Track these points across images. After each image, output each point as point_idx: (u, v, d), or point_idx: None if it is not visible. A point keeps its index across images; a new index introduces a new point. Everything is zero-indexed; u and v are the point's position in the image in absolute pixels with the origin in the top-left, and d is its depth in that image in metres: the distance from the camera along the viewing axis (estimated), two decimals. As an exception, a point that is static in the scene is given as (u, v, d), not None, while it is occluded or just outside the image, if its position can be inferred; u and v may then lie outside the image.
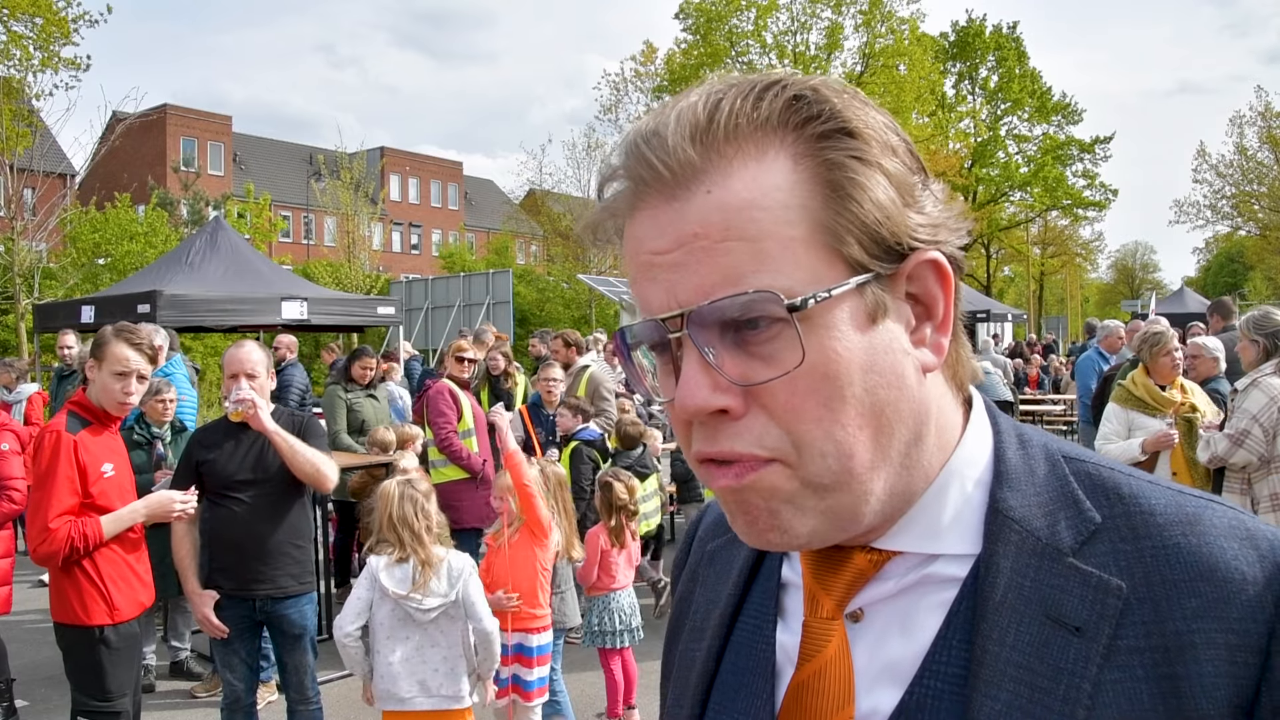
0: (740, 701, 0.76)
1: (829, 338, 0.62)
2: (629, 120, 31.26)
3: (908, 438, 0.66)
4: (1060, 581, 0.64)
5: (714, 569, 0.86)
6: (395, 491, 3.66)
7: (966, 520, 0.69)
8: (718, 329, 0.63)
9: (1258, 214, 36.39)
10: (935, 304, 0.67)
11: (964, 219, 0.68)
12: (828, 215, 0.62)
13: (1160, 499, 0.66)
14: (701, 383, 0.63)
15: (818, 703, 0.70)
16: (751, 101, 0.63)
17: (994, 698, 0.63)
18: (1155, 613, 0.62)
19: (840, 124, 0.63)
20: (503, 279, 18.89)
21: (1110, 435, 5.16)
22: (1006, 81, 39.84)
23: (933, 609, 0.68)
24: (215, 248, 10.46)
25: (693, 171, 0.63)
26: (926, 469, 0.68)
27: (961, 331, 0.71)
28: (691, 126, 0.63)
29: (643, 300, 0.67)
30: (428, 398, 6.27)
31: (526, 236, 45.91)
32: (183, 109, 44.20)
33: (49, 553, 3.35)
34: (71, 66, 17.20)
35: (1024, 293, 48.57)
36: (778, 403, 0.62)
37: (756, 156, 0.63)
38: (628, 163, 0.66)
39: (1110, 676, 0.61)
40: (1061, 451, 0.71)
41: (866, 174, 0.63)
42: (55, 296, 17.24)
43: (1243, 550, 0.63)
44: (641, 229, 0.65)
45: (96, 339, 3.60)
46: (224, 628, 3.79)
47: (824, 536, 0.67)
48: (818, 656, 0.71)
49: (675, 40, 33.93)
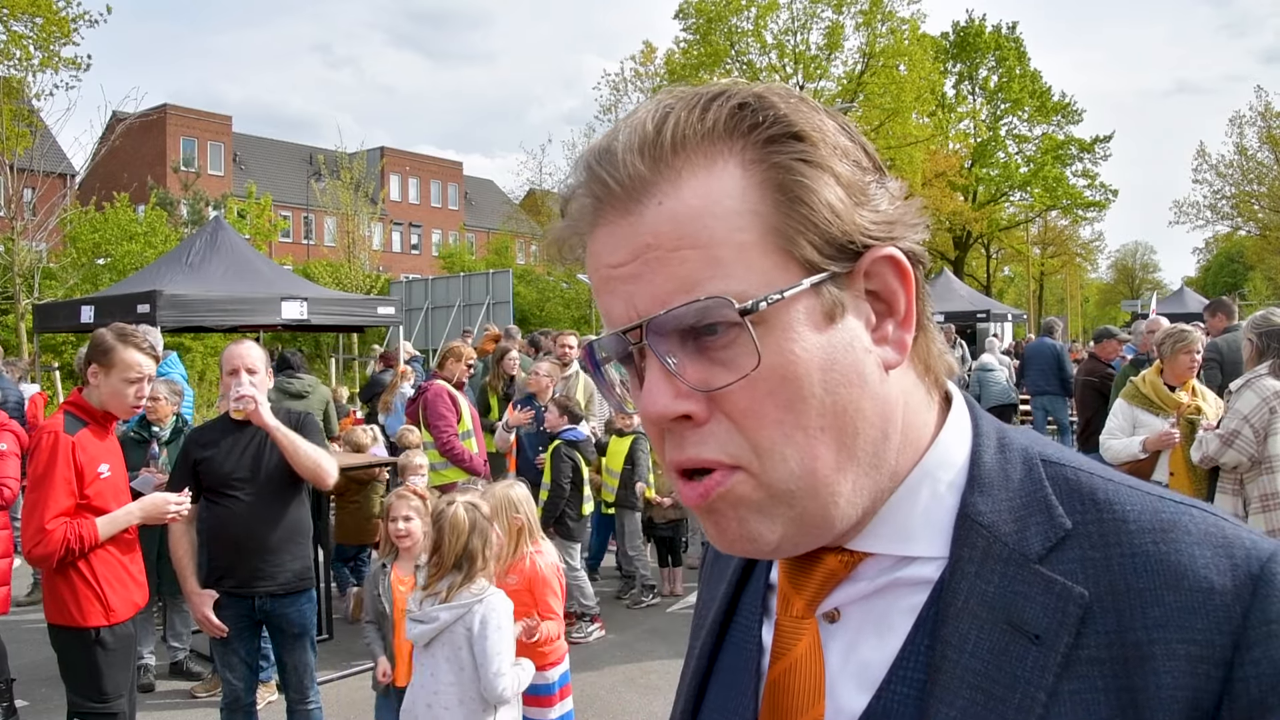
0: (729, 699, 0.77)
1: (785, 339, 0.62)
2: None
3: (874, 436, 0.66)
4: (1023, 588, 0.63)
5: (719, 566, 0.88)
6: (465, 523, 3.27)
7: (937, 523, 0.68)
8: (677, 337, 0.64)
9: (1258, 214, 36.38)
10: (896, 299, 0.67)
11: (921, 214, 0.69)
12: (779, 219, 0.63)
13: (1135, 505, 0.65)
14: (664, 390, 0.64)
15: (789, 701, 0.71)
16: (698, 112, 0.64)
17: (950, 704, 0.62)
18: (1118, 622, 0.60)
19: (787, 128, 0.64)
20: (503, 279, 18.92)
21: (1115, 431, 5.18)
22: (1006, 81, 39.84)
23: (904, 612, 0.68)
24: (215, 248, 10.46)
25: (643, 184, 0.64)
26: (895, 468, 0.68)
27: (931, 326, 0.71)
28: (640, 140, 0.64)
29: (605, 313, 0.68)
30: (426, 400, 6.26)
31: (526, 236, 45.94)
32: (183, 109, 44.19)
33: (44, 554, 3.34)
34: (72, 66, 17.21)
35: (1024, 293, 48.55)
36: (739, 408, 0.63)
37: (705, 165, 0.64)
38: (585, 180, 0.67)
39: (1068, 687, 0.60)
40: (1042, 455, 0.70)
41: (815, 176, 0.63)
42: (55, 296, 17.25)
43: (1215, 558, 0.61)
44: (599, 244, 0.67)
45: (99, 344, 3.57)
46: (223, 627, 3.79)
47: (795, 543, 0.67)
48: (787, 655, 0.72)
49: (675, 40, 33.95)
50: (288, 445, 3.79)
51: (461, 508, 3.30)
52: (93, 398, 3.60)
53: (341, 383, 15.75)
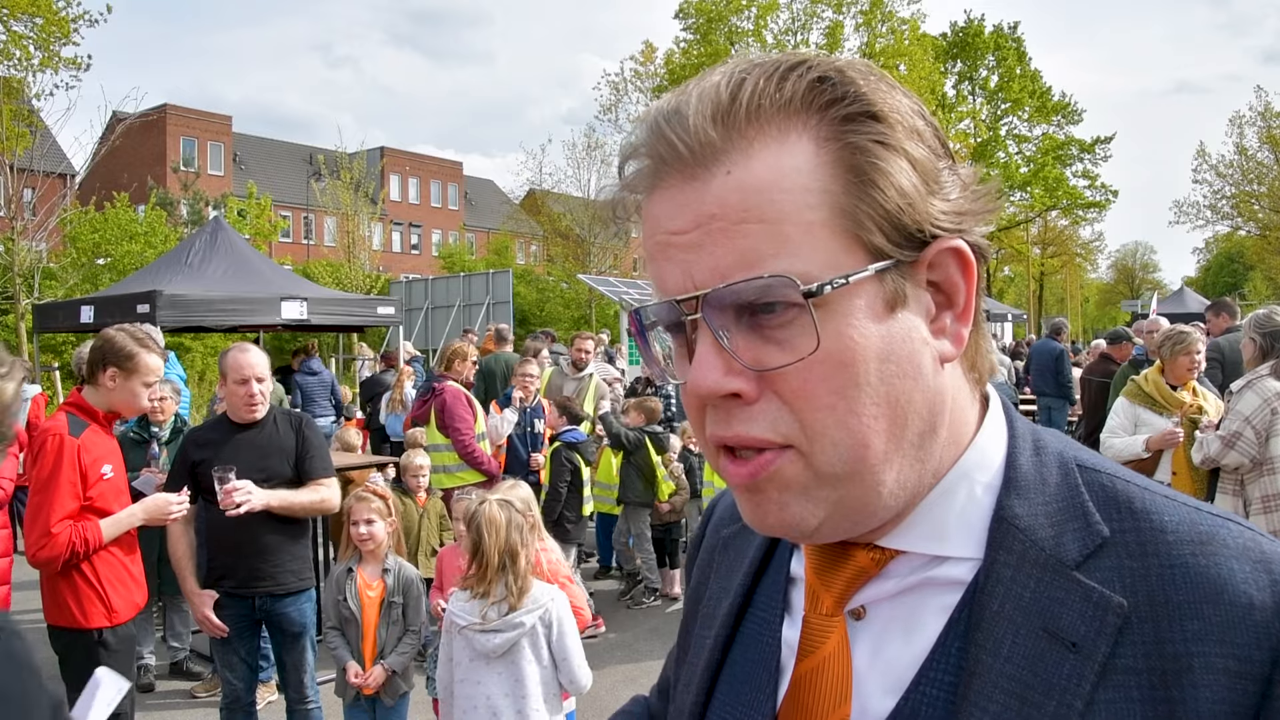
0: (745, 694, 0.76)
1: (845, 325, 0.60)
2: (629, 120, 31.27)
3: (922, 429, 0.64)
4: (1061, 595, 0.62)
5: (728, 556, 0.86)
6: (502, 518, 3.17)
7: (972, 524, 0.67)
8: (733, 312, 0.62)
9: (1258, 214, 36.35)
10: (956, 293, 0.66)
11: (992, 201, 0.67)
12: (849, 200, 0.61)
13: (1173, 515, 0.64)
14: (715, 365, 0.62)
15: (814, 699, 0.69)
16: (775, 82, 0.62)
17: (983, 709, 0.61)
18: (1156, 633, 0.60)
19: (865, 107, 0.62)
20: (503, 279, 18.89)
21: (1117, 429, 5.18)
22: (1006, 81, 39.82)
23: (935, 612, 0.66)
24: (215, 248, 10.45)
25: (713, 151, 0.62)
26: (937, 464, 0.67)
27: (983, 322, 0.70)
28: (713, 106, 0.62)
29: (659, 280, 0.65)
30: (444, 403, 6.13)
31: (526, 236, 45.92)
32: (183, 109, 44.17)
33: (49, 557, 3.31)
34: (72, 66, 17.17)
35: (1024, 293, 48.55)
36: (791, 389, 0.61)
37: (779, 138, 0.62)
38: (649, 141, 0.65)
39: (1104, 696, 0.59)
40: (1077, 460, 0.69)
41: (890, 159, 0.61)
42: (55, 296, 17.23)
43: (1255, 574, 0.60)
44: (660, 208, 0.64)
45: (120, 349, 3.52)
46: (224, 626, 3.79)
47: (834, 529, 0.66)
48: (816, 653, 0.71)
49: (675, 40, 33.97)
50: (285, 507, 3.80)
51: (494, 505, 3.19)
52: (97, 398, 3.56)
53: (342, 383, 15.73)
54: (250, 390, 3.80)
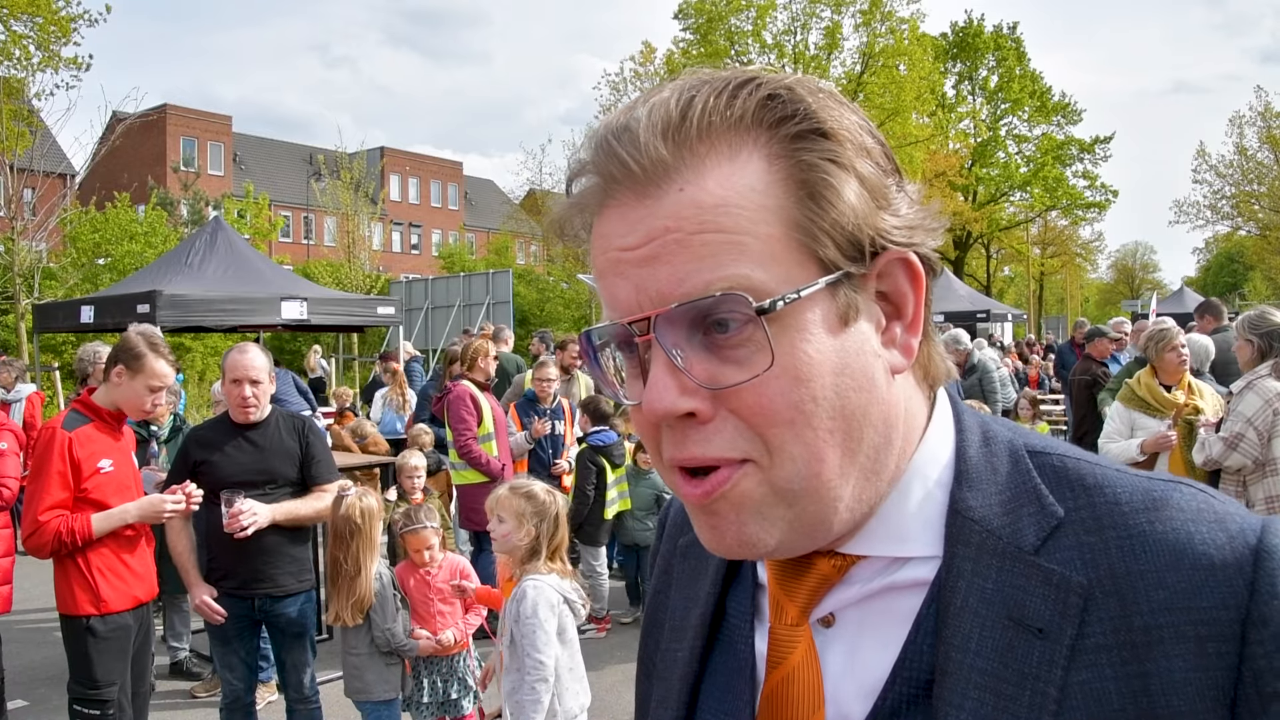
0: (726, 704, 0.75)
1: (800, 340, 0.60)
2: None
3: (877, 442, 0.64)
4: (1022, 581, 0.62)
5: (687, 564, 0.85)
6: (553, 505, 3.31)
7: (930, 522, 0.67)
8: (685, 330, 0.61)
9: (1258, 214, 36.38)
10: (905, 302, 0.66)
11: (939, 219, 0.67)
12: (802, 215, 0.61)
13: (1126, 485, 0.64)
14: (669, 385, 0.61)
15: (787, 712, 0.69)
16: (725, 99, 0.62)
17: (959, 706, 0.61)
18: (1122, 606, 0.59)
19: (814, 125, 0.62)
20: (503, 279, 18.90)
21: (1112, 434, 5.18)
22: (1006, 81, 39.82)
23: (903, 614, 0.66)
24: (215, 248, 10.44)
25: (665, 169, 0.61)
26: (893, 473, 0.67)
27: (933, 331, 0.70)
28: (664, 123, 0.62)
29: (609, 298, 0.65)
30: (449, 402, 6.18)
31: (526, 236, 45.92)
32: (183, 109, 44.18)
33: (38, 544, 3.49)
34: (72, 66, 17.18)
35: (1024, 293, 48.54)
36: (747, 405, 0.61)
37: (730, 155, 0.61)
38: (598, 158, 0.64)
39: (1078, 678, 0.59)
40: (1027, 445, 0.69)
41: (840, 176, 0.62)
42: (55, 296, 17.23)
43: (1212, 534, 0.60)
44: (610, 225, 0.64)
45: (131, 349, 3.62)
46: (223, 612, 3.80)
47: (791, 547, 0.65)
48: (784, 664, 0.70)
49: (674, 40, 33.91)
50: (289, 518, 3.84)
51: (544, 491, 3.37)
52: (104, 396, 3.67)
53: (342, 383, 15.75)
54: (243, 392, 3.81)
